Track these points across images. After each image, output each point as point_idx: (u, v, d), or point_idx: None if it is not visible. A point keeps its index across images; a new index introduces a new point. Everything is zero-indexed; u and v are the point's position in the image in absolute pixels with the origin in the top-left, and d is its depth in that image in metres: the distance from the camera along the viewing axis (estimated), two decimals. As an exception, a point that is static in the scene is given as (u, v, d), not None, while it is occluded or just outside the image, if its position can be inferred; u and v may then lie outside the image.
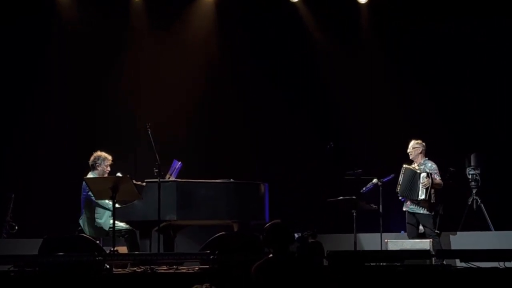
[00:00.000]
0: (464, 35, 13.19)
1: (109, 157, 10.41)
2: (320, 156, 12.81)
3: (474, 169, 12.39)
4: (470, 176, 12.39)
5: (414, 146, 11.32)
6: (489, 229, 12.08)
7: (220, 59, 13.87)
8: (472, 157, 12.44)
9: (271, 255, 6.48)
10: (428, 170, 11.09)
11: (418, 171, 11.12)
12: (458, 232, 11.81)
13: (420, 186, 11.01)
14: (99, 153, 10.40)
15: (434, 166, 11.21)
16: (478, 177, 12.35)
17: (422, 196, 11.00)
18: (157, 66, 13.63)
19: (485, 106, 13.17)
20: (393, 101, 13.40)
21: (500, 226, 12.07)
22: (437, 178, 11.13)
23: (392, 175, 11.33)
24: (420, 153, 11.29)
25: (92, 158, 10.38)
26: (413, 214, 11.19)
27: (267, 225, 6.61)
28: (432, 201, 11.07)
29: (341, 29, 13.89)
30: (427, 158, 11.30)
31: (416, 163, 11.30)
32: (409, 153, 11.36)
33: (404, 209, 11.26)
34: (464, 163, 12.47)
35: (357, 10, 13.88)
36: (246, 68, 13.83)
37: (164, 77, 13.62)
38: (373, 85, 13.62)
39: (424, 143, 11.33)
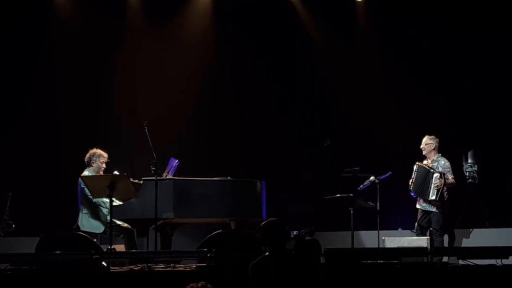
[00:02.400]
0: (460, 32, 13.18)
1: (105, 154, 10.39)
2: (317, 153, 12.82)
3: (471, 166, 12.37)
4: (467, 173, 12.38)
5: (427, 142, 11.19)
6: (486, 227, 12.08)
7: (218, 57, 13.86)
8: (469, 154, 12.43)
9: (267, 253, 6.48)
10: (441, 169, 10.99)
11: (432, 170, 11.01)
12: (455, 230, 11.80)
13: (432, 186, 10.90)
14: (94, 150, 10.39)
15: (448, 164, 11.08)
16: (475, 174, 12.34)
17: (433, 196, 10.89)
18: (154, 64, 13.62)
19: (482, 103, 13.15)
20: (390, 98, 13.40)
21: (497, 223, 12.08)
22: (450, 177, 11.00)
23: (389, 173, 11.32)
24: (433, 149, 11.15)
25: (87, 155, 10.37)
26: (425, 212, 11.08)
27: (263, 223, 6.61)
28: (444, 200, 10.98)
29: (338, 27, 13.89)
30: (440, 155, 11.19)
31: (430, 159, 11.17)
32: (422, 149, 11.22)
33: (417, 206, 11.17)
34: (462, 160, 12.47)
35: (354, 8, 13.89)
36: (243, 65, 13.82)
37: (161, 74, 13.61)
38: (370, 83, 13.62)
39: (437, 139, 11.20)
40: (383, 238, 10.76)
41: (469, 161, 12.39)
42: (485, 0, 13.14)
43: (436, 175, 10.91)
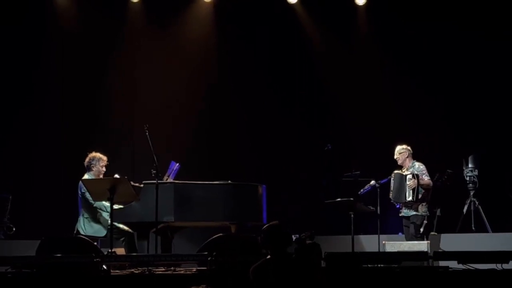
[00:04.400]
0: (463, 36, 13.19)
1: (104, 158, 10.39)
2: (318, 157, 12.83)
3: (471, 170, 12.38)
4: (467, 178, 12.38)
5: (400, 152, 11.38)
6: (486, 231, 12.08)
7: (218, 60, 13.87)
8: (470, 158, 12.44)
9: (268, 257, 6.48)
10: (416, 172, 11.11)
11: (405, 173, 11.15)
12: (455, 234, 11.81)
13: (407, 187, 11.05)
14: (94, 154, 10.40)
15: (422, 167, 11.24)
16: (475, 179, 12.35)
17: (409, 197, 11.02)
18: (155, 67, 13.63)
19: (482, 107, 13.16)
20: (391, 102, 13.40)
21: (497, 228, 12.07)
22: (425, 179, 11.15)
23: (390, 177, 11.34)
24: (407, 157, 11.34)
25: (87, 159, 10.37)
26: (408, 218, 11.18)
27: (265, 226, 6.61)
28: (422, 202, 11.05)
29: (339, 31, 13.89)
30: (414, 161, 11.34)
31: (405, 167, 11.34)
32: (397, 159, 11.40)
33: (400, 215, 11.28)
34: (462, 164, 12.47)
35: (355, 12, 13.89)
36: (244, 69, 13.83)
37: (162, 78, 13.62)
38: (371, 87, 13.62)
39: (409, 147, 11.38)
40: (383, 242, 10.78)
41: (470, 165, 12.41)
42: (484, 2, 13.14)
43: (408, 176, 11.08)
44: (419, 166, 11.24)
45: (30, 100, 13.27)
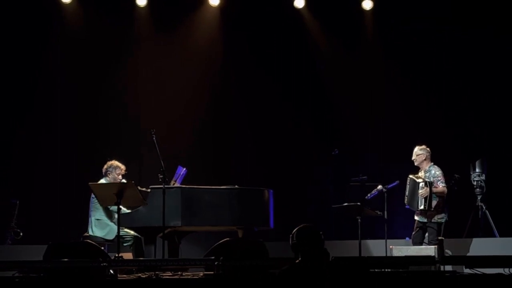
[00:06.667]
0: (468, 40, 13.18)
1: (122, 166, 10.44)
2: (325, 162, 12.82)
3: (479, 175, 12.34)
4: (475, 183, 12.35)
5: (417, 153, 11.14)
6: (494, 236, 12.05)
7: (225, 65, 13.88)
8: (477, 163, 12.40)
9: (297, 261, 6.34)
10: (432, 178, 10.96)
11: (418, 180, 10.96)
12: (463, 239, 11.78)
13: (419, 196, 10.87)
14: (112, 162, 10.48)
15: (439, 172, 11.01)
16: (483, 183, 12.31)
17: (421, 206, 10.84)
18: (162, 72, 13.66)
19: (490, 111, 13.15)
20: (398, 107, 13.40)
21: (505, 232, 12.05)
22: (440, 186, 10.92)
23: (397, 182, 11.28)
24: (425, 159, 11.10)
25: (105, 166, 10.46)
26: (421, 223, 11.04)
27: (296, 229, 6.43)
28: (434, 209, 10.90)
29: (346, 36, 13.89)
30: (432, 164, 11.14)
31: (422, 170, 11.13)
32: (414, 160, 11.19)
33: (415, 217, 11.17)
34: (469, 169, 12.44)
35: (362, 17, 13.88)
36: (250, 74, 13.83)
37: (169, 82, 13.64)
38: (378, 91, 13.62)
39: (428, 148, 11.14)
40: (391, 247, 10.74)
41: (477, 170, 12.37)
42: (490, 7, 13.12)
43: (421, 184, 10.86)
44: (435, 172, 10.99)
45: (36, 106, 13.29)
